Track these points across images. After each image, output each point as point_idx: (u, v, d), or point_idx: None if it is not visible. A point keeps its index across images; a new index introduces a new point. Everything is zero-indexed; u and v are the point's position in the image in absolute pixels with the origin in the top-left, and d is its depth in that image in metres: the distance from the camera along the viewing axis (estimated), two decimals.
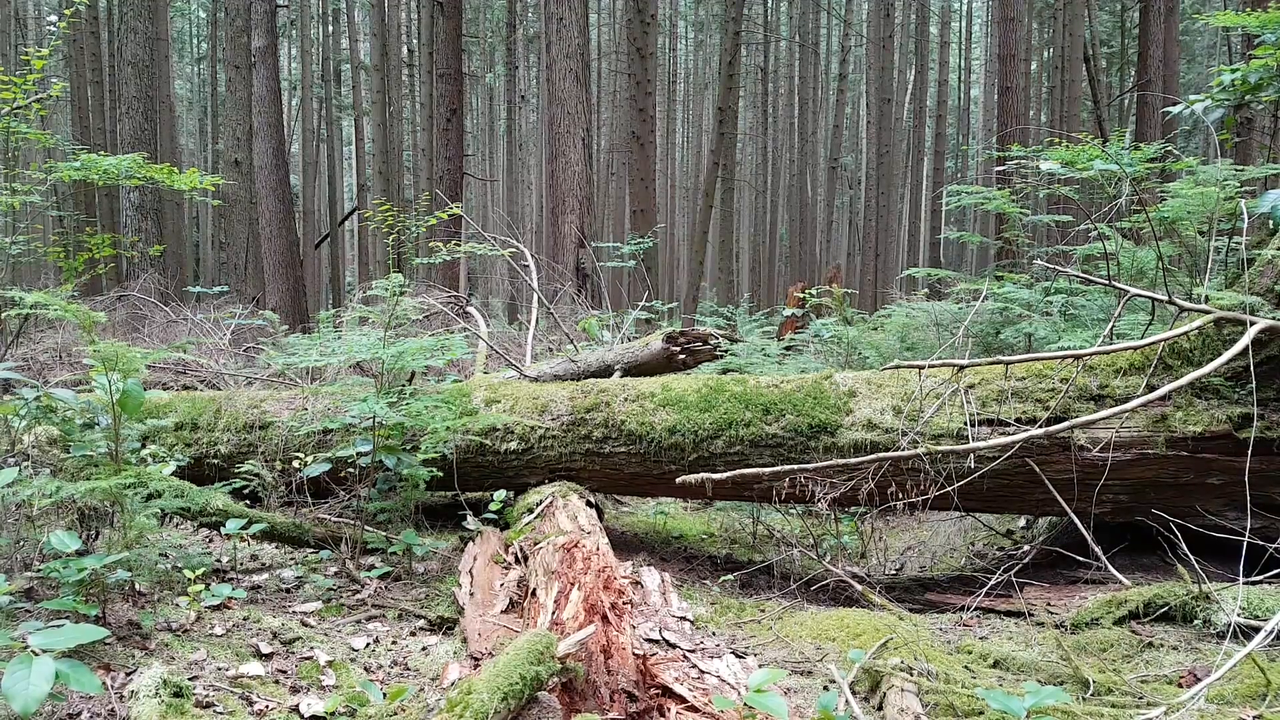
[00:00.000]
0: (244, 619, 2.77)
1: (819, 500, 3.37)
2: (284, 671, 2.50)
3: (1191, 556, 2.88)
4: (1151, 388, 3.14)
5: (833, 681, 2.43)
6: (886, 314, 6.74)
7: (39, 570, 2.67)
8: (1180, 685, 2.37)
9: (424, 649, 2.75)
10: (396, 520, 3.52)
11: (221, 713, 2.20)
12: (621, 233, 21.74)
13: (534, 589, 2.71)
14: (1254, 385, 2.93)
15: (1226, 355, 2.83)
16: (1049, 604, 3.10)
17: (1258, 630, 2.28)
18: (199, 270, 24.16)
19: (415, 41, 23.62)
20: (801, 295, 8.31)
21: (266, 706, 2.25)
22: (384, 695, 2.29)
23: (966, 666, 2.56)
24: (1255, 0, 8.88)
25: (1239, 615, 2.57)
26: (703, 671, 2.46)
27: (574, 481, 3.70)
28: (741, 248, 32.59)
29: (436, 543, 3.61)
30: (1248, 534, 2.72)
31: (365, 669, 2.58)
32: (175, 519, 3.54)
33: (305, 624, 2.85)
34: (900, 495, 3.27)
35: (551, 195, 10.91)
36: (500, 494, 3.71)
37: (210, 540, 3.61)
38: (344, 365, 4.82)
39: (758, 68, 26.93)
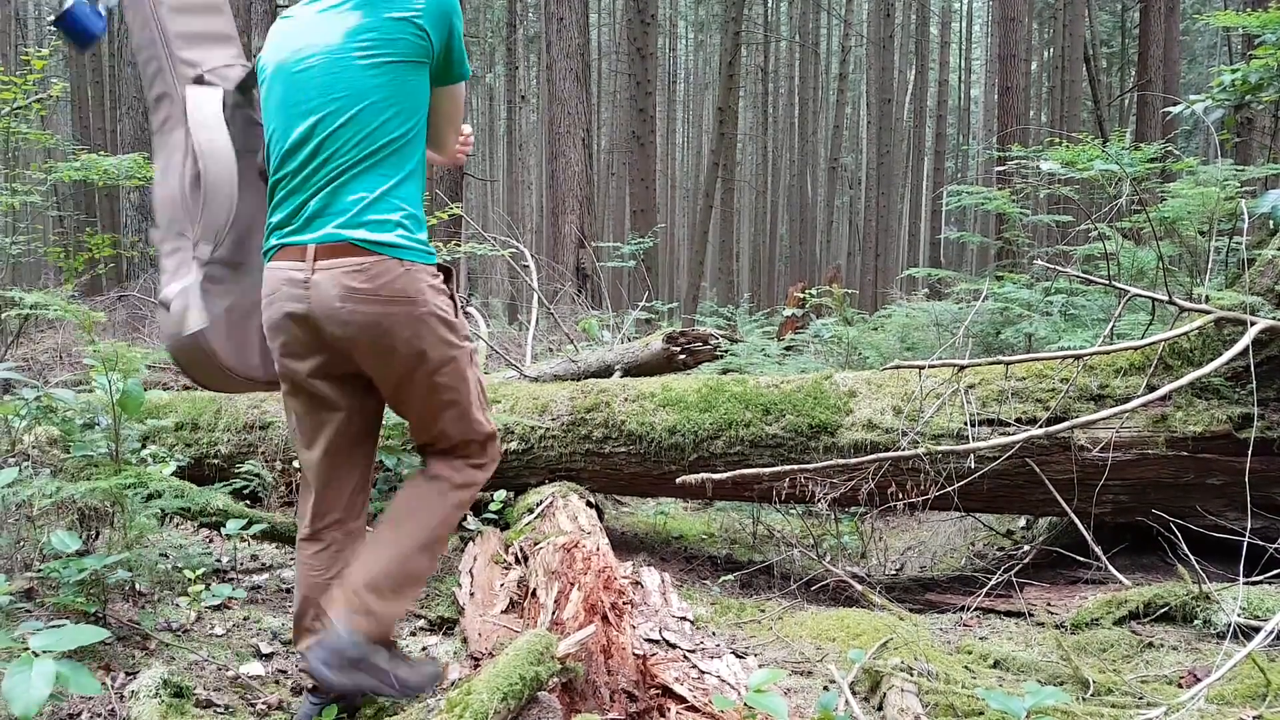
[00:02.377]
0: (244, 619, 2.78)
1: (819, 500, 3.37)
2: (284, 671, 2.50)
3: (1192, 557, 2.88)
4: (1152, 388, 3.14)
5: (833, 681, 2.43)
6: (887, 314, 6.74)
7: (39, 570, 2.67)
8: (1180, 685, 2.37)
9: (424, 649, 2.75)
10: None
11: (222, 713, 2.20)
12: (621, 233, 21.74)
13: (534, 589, 2.71)
14: (1254, 385, 2.93)
15: (1227, 355, 2.83)
16: (1049, 604, 3.10)
17: (1258, 630, 2.28)
18: None
19: None
20: (801, 295, 8.31)
21: (267, 706, 2.25)
22: None
23: (967, 666, 2.56)
24: (1256, 0, 8.88)
25: (1239, 615, 2.57)
26: (703, 672, 2.46)
27: (574, 481, 3.70)
28: (741, 248, 32.60)
29: None
30: (1248, 534, 2.72)
31: None
32: (175, 519, 3.54)
33: None
34: (900, 495, 3.27)
35: (551, 195, 10.91)
36: (500, 494, 3.72)
37: (210, 540, 3.61)
38: None
39: (758, 68, 26.93)
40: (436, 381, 1.97)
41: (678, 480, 3.35)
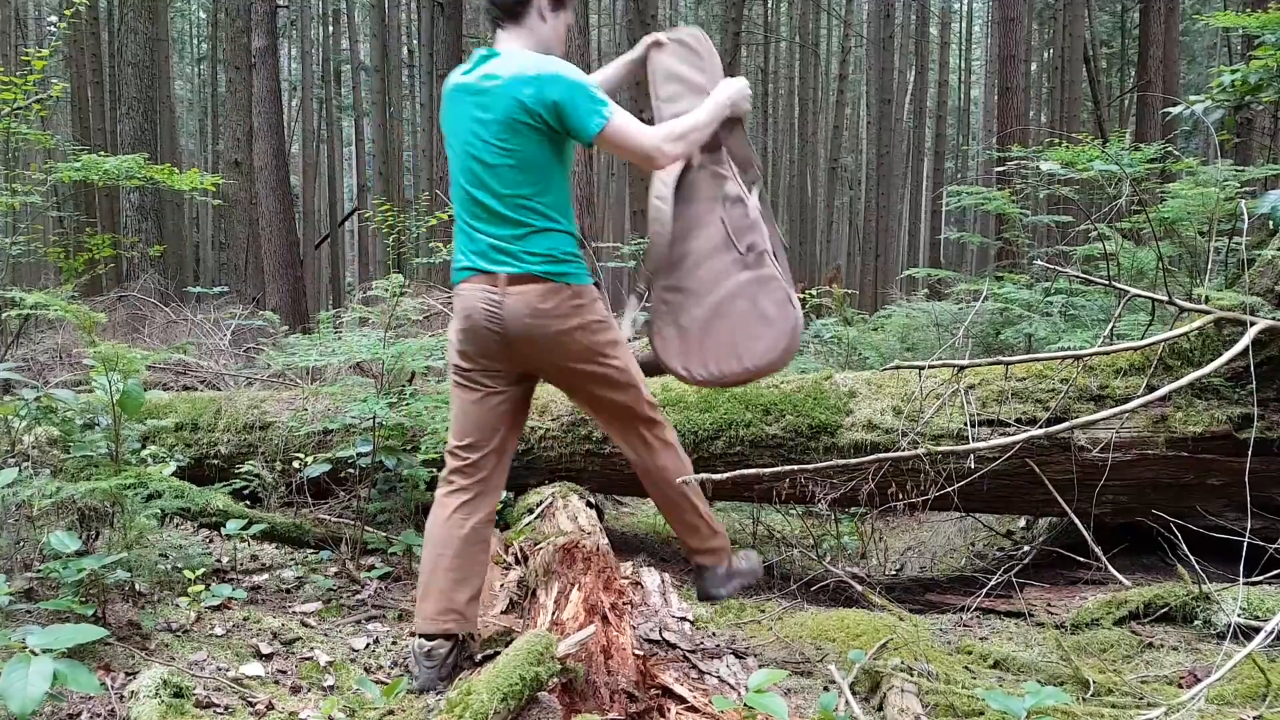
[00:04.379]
0: (244, 619, 2.78)
1: (819, 500, 3.37)
2: (284, 672, 2.50)
3: (1192, 557, 2.88)
4: (1151, 388, 3.14)
5: (833, 682, 2.43)
6: (887, 314, 6.74)
7: (39, 570, 2.67)
8: (1180, 686, 2.37)
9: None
10: (396, 520, 3.52)
11: (221, 713, 2.20)
12: (622, 233, 21.72)
13: (534, 589, 2.71)
14: (1254, 385, 2.93)
15: (1226, 356, 2.83)
16: (1049, 604, 3.10)
17: (1258, 630, 2.28)
18: (199, 270, 24.13)
19: (415, 42, 23.60)
20: (801, 296, 8.30)
21: (266, 706, 2.25)
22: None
23: (967, 667, 2.56)
24: (1256, 1, 8.88)
25: (1239, 615, 2.57)
26: (703, 672, 2.46)
27: (574, 482, 3.69)
28: None
29: None
30: (1248, 534, 2.71)
31: (365, 669, 2.58)
32: (175, 519, 3.54)
33: (305, 624, 2.85)
34: (900, 495, 3.27)
35: None
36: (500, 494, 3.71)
37: (210, 540, 3.61)
38: (344, 365, 4.82)
39: (758, 68, 26.92)
40: (604, 369, 2.38)
41: (677, 480, 3.34)
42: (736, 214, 2.54)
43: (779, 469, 3.17)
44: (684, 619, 2.76)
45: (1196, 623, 2.74)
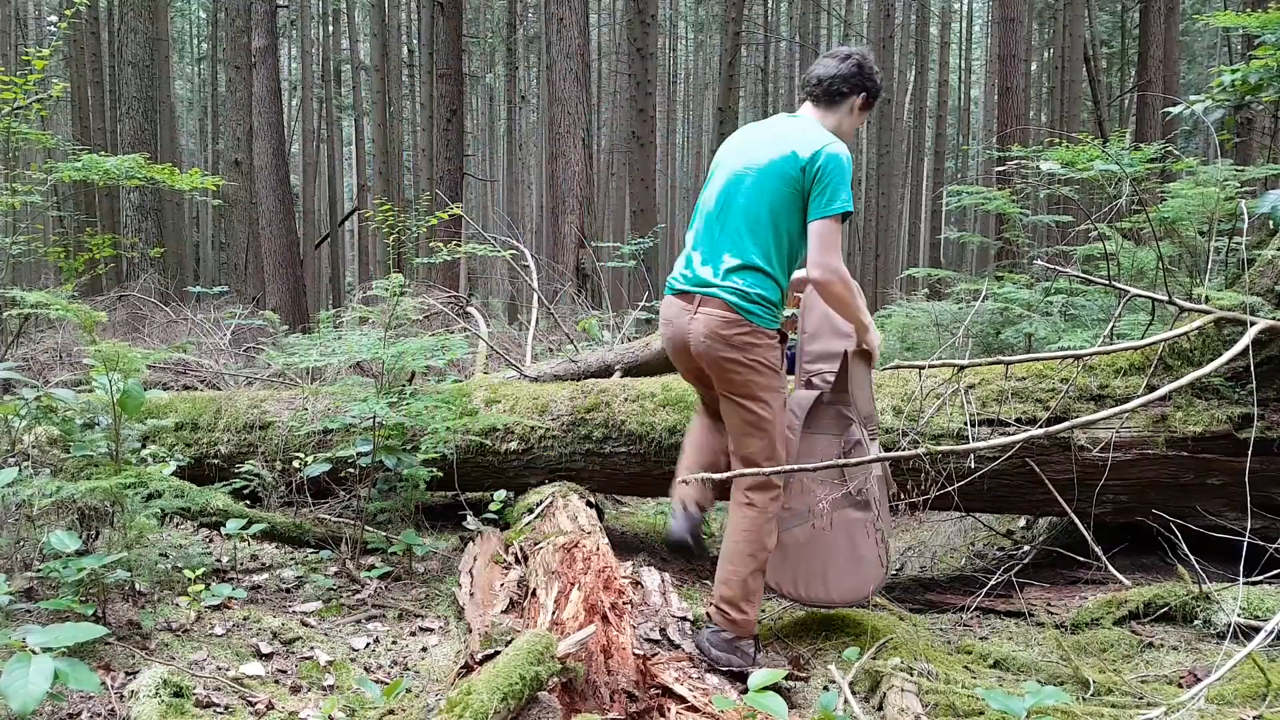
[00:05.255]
0: (244, 619, 2.78)
1: (819, 500, 3.36)
2: (284, 671, 2.50)
3: (1191, 557, 2.88)
4: (1152, 388, 3.14)
5: (833, 681, 2.43)
6: (887, 314, 6.73)
7: (39, 570, 2.67)
8: (1180, 685, 2.37)
9: (424, 649, 2.75)
10: (396, 520, 3.52)
11: (221, 713, 2.20)
12: (621, 233, 21.72)
13: (534, 589, 2.71)
14: (1254, 385, 2.93)
15: (1227, 355, 2.83)
16: (1049, 604, 3.10)
17: (1258, 630, 2.28)
18: (199, 270, 24.11)
19: (415, 41, 23.60)
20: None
21: (266, 706, 2.25)
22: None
23: (966, 666, 2.57)
24: (1256, 1, 8.87)
25: (1239, 615, 2.57)
26: (703, 671, 2.46)
27: (574, 481, 3.69)
28: None
29: (436, 543, 3.61)
30: (1248, 534, 2.71)
31: (365, 669, 2.58)
32: (175, 519, 3.53)
33: (305, 624, 2.85)
34: (900, 495, 3.27)
35: (551, 195, 10.91)
36: (500, 494, 3.71)
37: (210, 540, 3.61)
38: (344, 365, 4.82)
39: (758, 68, 26.92)
40: (752, 410, 2.57)
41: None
42: (855, 456, 2.79)
43: (779, 468, 3.17)
44: (684, 619, 2.76)
45: (1196, 623, 2.74)
